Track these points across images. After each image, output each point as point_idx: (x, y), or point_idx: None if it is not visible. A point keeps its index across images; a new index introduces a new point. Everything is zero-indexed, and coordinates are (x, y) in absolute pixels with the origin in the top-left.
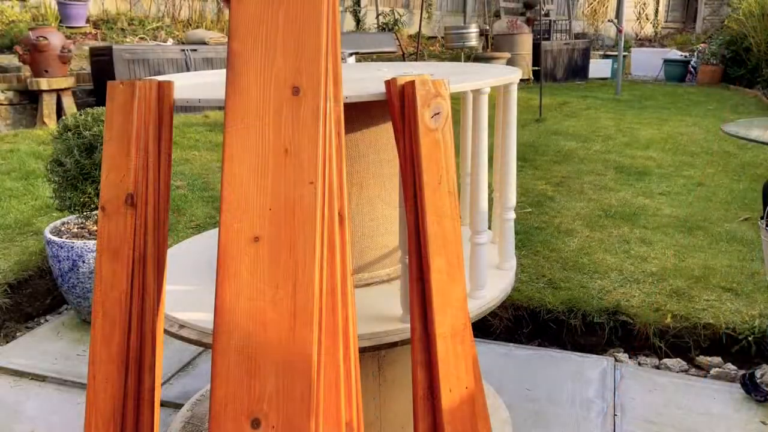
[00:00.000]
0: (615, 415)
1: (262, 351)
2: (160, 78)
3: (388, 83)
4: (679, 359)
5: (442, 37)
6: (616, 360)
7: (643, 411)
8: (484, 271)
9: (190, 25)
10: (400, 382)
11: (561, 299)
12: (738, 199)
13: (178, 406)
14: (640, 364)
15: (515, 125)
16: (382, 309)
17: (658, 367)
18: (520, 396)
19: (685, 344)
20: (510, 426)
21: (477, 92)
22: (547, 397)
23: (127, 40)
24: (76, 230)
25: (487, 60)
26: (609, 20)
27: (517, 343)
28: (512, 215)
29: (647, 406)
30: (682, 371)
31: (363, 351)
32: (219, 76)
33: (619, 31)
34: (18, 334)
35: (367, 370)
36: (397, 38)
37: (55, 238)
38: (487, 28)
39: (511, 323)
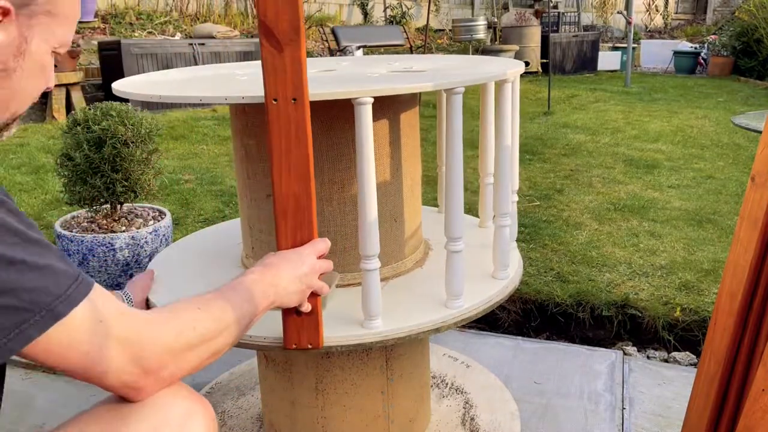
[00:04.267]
0: (623, 408)
1: None
2: None
3: None
4: (688, 352)
5: (450, 30)
6: (624, 353)
7: (651, 404)
8: (507, 251)
9: (198, 19)
10: (408, 376)
11: (569, 292)
12: None
13: None
14: (648, 357)
15: (512, 120)
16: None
17: (667, 361)
18: (528, 389)
19: (694, 337)
20: (518, 419)
21: (484, 86)
22: (555, 390)
23: (136, 34)
24: (85, 224)
25: (495, 53)
26: (618, 12)
27: (525, 337)
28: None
29: (656, 399)
30: (691, 365)
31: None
32: (218, 69)
33: (629, 22)
34: None
35: (374, 363)
36: (405, 31)
37: (66, 232)
38: (495, 20)
39: (519, 317)
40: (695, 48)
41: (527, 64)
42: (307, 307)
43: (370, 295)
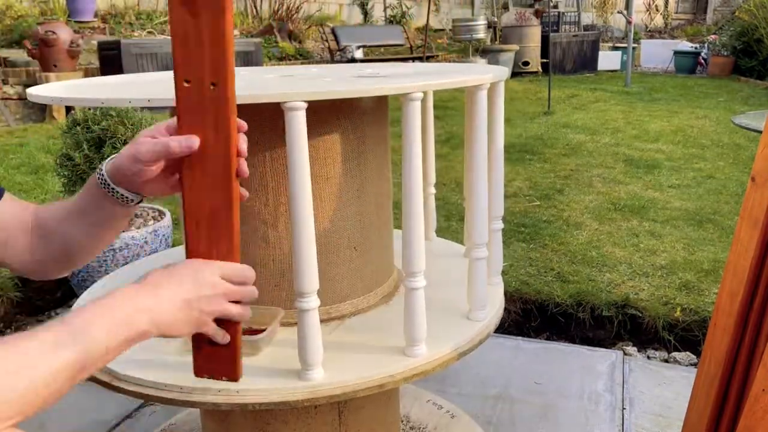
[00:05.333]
0: (624, 408)
1: None
2: None
3: None
4: (688, 353)
5: (450, 30)
6: (624, 353)
7: (652, 404)
8: (483, 289)
9: None
10: None
11: (569, 292)
12: None
13: None
14: (649, 357)
15: (483, 132)
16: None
17: (667, 361)
18: (529, 389)
19: (694, 338)
20: None
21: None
22: (556, 390)
23: (135, 34)
24: None
25: (495, 52)
26: (618, 11)
27: (525, 337)
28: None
29: (656, 399)
30: (691, 365)
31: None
32: None
33: (629, 22)
34: (29, 327)
35: (324, 418)
36: (405, 31)
37: None
38: (496, 20)
39: (520, 317)
40: (695, 48)
41: (527, 63)
42: (223, 338)
43: (307, 340)
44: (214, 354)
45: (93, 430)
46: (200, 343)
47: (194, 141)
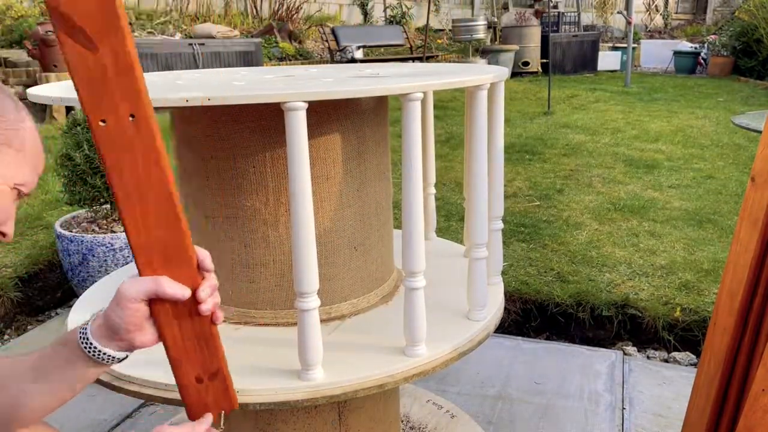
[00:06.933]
0: (623, 408)
1: None
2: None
3: None
4: (688, 353)
5: (450, 30)
6: (624, 353)
7: (651, 404)
8: (483, 289)
9: (198, 18)
10: None
11: (569, 292)
12: None
13: None
14: (648, 357)
15: (493, 133)
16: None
17: (666, 361)
18: (529, 389)
19: (694, 337)
20: None
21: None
22: (556, 390)
23: (135, 34)
24: (85, 224)
25: (495, 53)
26: (618, 12)
27: (525, 337)
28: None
29: (656, 399)
30: (691, 365)
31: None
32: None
33: (629, 22)
34: (29, 327)
35: (325, 418)
36: (405, 31)
37: (66, 232)
38: (496, 20)
39: (520, 317)
40: (695, 48)
41: (527, 63)
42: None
43: (307, 340)
44: (206, 390)
45: (93, 430)
46: (189, 385)
47: (186, 292)
